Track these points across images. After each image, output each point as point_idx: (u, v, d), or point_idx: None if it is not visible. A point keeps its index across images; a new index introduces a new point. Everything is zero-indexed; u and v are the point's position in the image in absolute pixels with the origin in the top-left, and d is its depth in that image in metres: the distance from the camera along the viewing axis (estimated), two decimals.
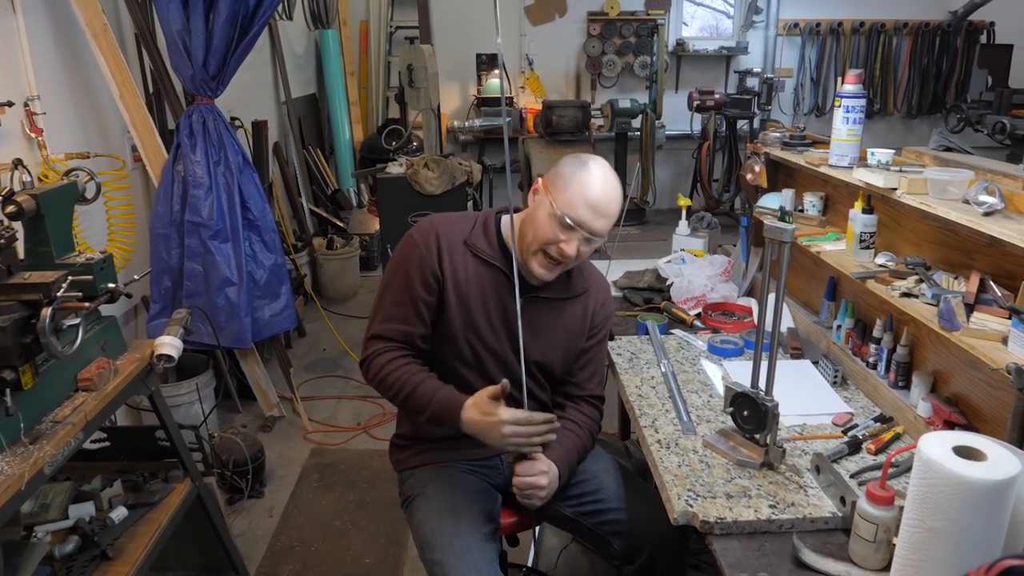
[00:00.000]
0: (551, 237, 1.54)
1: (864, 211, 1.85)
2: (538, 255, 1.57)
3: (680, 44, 6.86)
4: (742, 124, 6.08)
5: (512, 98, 6.42)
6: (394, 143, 4.60)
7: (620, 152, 6.55)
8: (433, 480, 1.68)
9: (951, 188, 1.59)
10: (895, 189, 1.71)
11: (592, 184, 1.53)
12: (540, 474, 1.55)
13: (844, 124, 1.94)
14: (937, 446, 1.10)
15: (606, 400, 1.84)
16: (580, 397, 1.76)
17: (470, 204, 3.90)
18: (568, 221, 1.52)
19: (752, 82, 6.00)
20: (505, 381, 1.49)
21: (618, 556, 1.70)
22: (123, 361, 1.89)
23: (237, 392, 3.48)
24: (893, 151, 1.87)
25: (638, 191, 6.63)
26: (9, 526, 1.80)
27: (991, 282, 1.47)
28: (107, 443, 2.20)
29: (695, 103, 6.05)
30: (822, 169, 2.05)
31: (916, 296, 1.61)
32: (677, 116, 6.72)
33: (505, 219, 1.68)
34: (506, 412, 1.48)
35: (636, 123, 6.44)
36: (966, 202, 1.53)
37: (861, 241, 1.86)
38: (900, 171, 1.75)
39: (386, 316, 1.63)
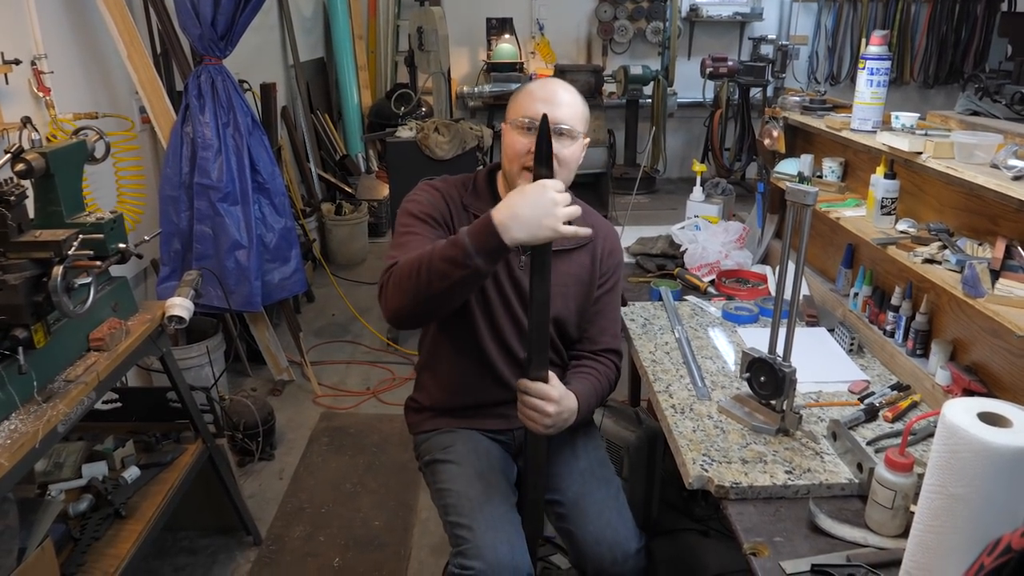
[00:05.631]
0: (520, 147, 1.50)
1: (886, 176, 1.81)
2: (522, 174, 1.51)
3: (693, 9, 6.74)
4: (755, 92, 5.98)
5: (522, 63, 6.33)
6: (403, 108, 4.54)
7: (631, 119, 6.48)
8: (455, 444, 1.64)
9: (978, 152, 1.55)
10: (920, 153, 1.67)
11: (532, 86, 1.56)
12: (548, 401, 1.41)
13: (868, 87, 1.89)
14: (961, 412, 1.08)
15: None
16: (593, 352, 1.69)
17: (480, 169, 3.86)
18: (523, 121, 1.50)
19: (766, 49, 5.88)
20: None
21: (572, 563, 1.65)
22: (134, 322, 1.88)
23: (247, 356, 3.48)
24: (918, 115, 1.83)
25: (649, 159, 6.57)
26: (24, 484, 1.82)
27: (1019, 248, 1.44)
28: (119, 404, 2.21)
29: (708, 70, 5.94)
30: (843, 133, 2.01)
31: (939, 262, 1.58)
32: (689, 83, 6.62)
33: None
34: (548, 181, 1.29)
35: (648, 90, 6.36)
36: (994, 166, 1.50)
37: (882, 207, 1.83)
38: (925, 135, 1.70)
39: (400, 245, 1.51)
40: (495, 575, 1.41)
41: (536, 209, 1.25)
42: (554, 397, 1.42)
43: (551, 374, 1.44)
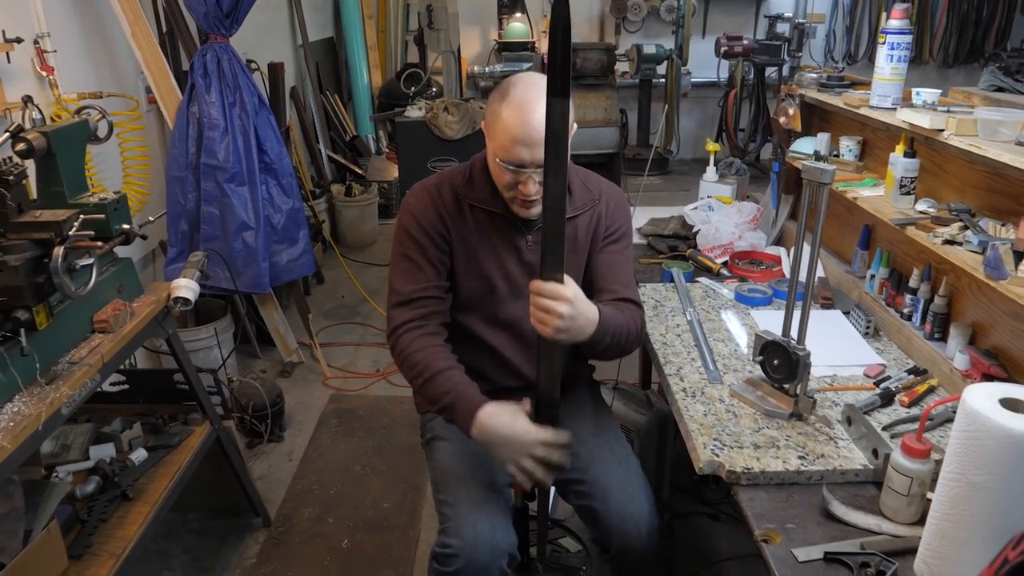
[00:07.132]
0: (509, 182, 1.47)
1: (906, 155, 1.76)
2: (514, 201, 1.50)
3: None
4: (771, 72, 5.88)
5: (534, 43, 6.24)
6: (413, 88, 4.49)
7: (644, 99, 6.40)
8: None
9: (1003, 129, 1.49)
10: (942, 130, 1.61)
11: (513, 119, 1.39)
12: (562, 300, 1.29)
13: (888, 62, 1.83)
14: (983, 397, 1.04)
15: None
16: (613, 300, 1.57)
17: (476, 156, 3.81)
18: (506, 167, 1.44)
19: (782, 27, 5.77)
20: (526, 399, 1.43)
21: (594, 541, 1.63)
22: (139, 303, 1.87)
23: (256, 338, 3.48)
24: (939, 91, 1.77)
25: (662, 139, 6.49)
26: (30, 465, 1.82)
27: None
28: (126, 386, 2.20)
29: (722, 49, 5.84)
30: (862, 111, 1.95)
31: (960, 243, 1.53)
32: (703, 63, 6.52)
33: None
34: (544, 433, 1.39)
35: (661, 69, 6.27)
36: (1020, 144, 1.44)
37: (901, 186, 1.78)
38: (948, 112, 1.65)
39: (400, 282, 1.56)
40: (472, 553, 1.40)
41: (512, 451, 1.40)
42: (568, 296, 1.29)
43: (567, 277, 1.32)
